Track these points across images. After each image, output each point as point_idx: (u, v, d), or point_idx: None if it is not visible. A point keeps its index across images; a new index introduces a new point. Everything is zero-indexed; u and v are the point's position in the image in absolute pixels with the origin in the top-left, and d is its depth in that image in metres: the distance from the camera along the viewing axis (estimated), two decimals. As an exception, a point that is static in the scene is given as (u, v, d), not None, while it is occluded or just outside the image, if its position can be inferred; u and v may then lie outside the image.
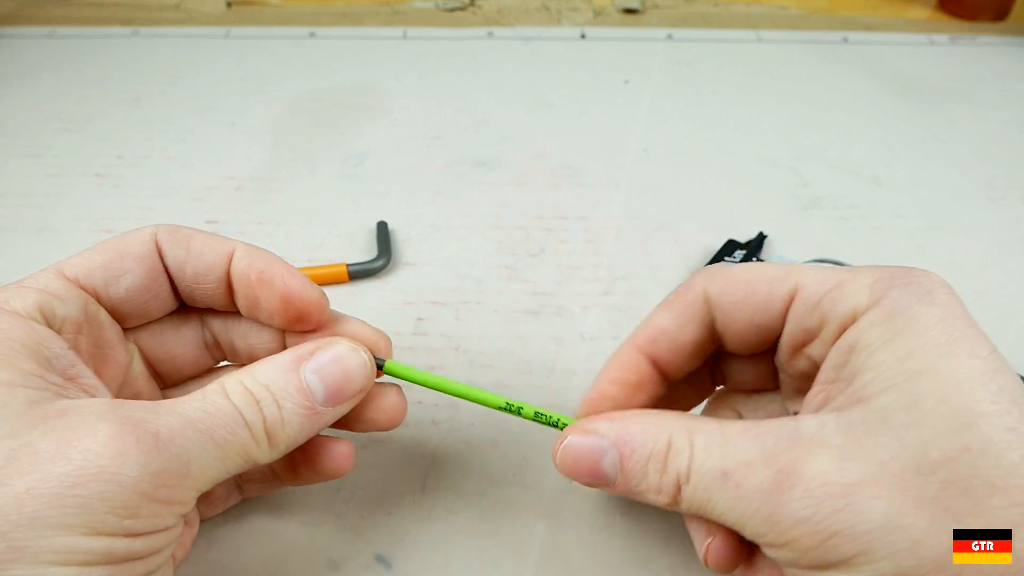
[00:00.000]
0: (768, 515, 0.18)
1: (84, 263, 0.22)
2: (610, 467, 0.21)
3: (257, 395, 0.20)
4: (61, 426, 0.17)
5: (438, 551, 0.26)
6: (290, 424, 0.21)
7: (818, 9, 0.63)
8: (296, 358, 0.22)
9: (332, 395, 0.22)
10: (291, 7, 0.63)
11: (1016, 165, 0.45)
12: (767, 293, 0.21)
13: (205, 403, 0.20)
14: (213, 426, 0.19)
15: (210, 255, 0.23)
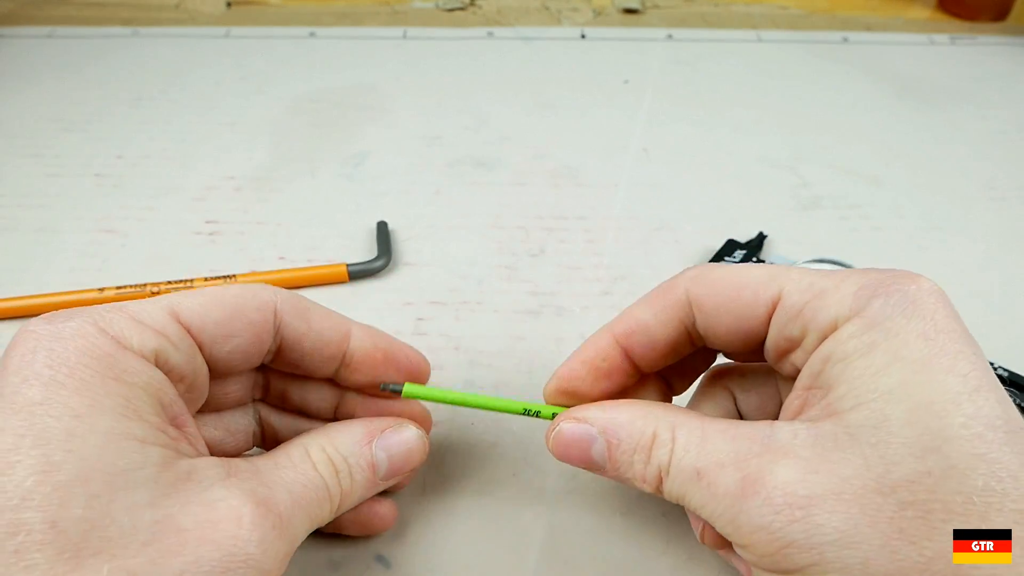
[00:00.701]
0: (732, 518, 0.19)
1: (200, 313, 0.21)
2: (599, 455, 0.22)
3: (338, 466, 0.22)
4: (195, 499, 0.18)
5: (438, 551, 0.26)
6: (355, 495, 0.23)
7: (818, 9, 0.63)
8: (370, 432, 0.23)
9: (392, 471, 0.24)
10: (291, 7, 0.63)
11: (1016, 165, 0.45)
12: (751, 298, 0.21)
13: (298, 474, 0.21)
14: (311, 502, 0.21)
15: (330, 333, 0.23)
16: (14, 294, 0.36)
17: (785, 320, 0.20)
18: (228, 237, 0.40)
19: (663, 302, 0.22)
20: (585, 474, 0.29)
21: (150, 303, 0.20)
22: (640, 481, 0.21)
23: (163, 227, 0.41)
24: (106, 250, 0.39)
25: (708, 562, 0.26)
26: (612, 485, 0.28)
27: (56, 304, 0.35)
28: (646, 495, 0.28)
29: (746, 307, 0.21)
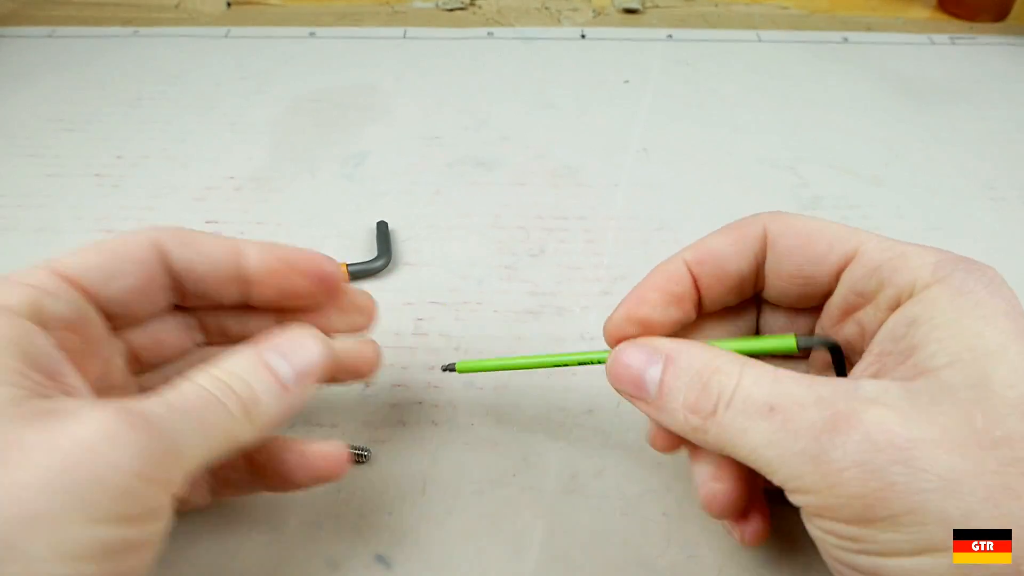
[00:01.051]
0: (814, 455, 0.17)
1: (80, 262, 0.22)
2: (653, 379, 0.21)
3: (228, 380, 0.21)
4: (48, 420, 0.17)
5: (438, 551, 0.26)
6: (265, 400, 0.21)
7: (818, 9, 0.63)
8: (255, 347, 0.22)
9: (300, 374, 0.22)
10: (291, 7, 0.63)
11: (1016, 165, 0.45)
12: (826, 248, 0.21)
13: (181, 391, 0.20)
14: (194, 409, 0.20)
15: (219, 253, 0.23)
16: (14, 294, 0.36)
17: (861, 274, 0.20)
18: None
19: (739, 233, 0.22)
20: (585, 474, 0.29)
21: (33, 266, 0.22)
22: (687, 411, 0.20)
23: (163, 227, 0.41)
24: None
25: (708, 562, 0.26)
26: (612, 485, 0.28)
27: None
28: (646, 495, 0.28)
29: (820, 255, 0.21)
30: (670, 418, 0.20)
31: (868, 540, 0.17)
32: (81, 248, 0.22)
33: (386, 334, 0.34)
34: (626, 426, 0.30)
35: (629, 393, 0.22)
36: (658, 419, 0.21)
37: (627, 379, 0.22)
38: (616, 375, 0.22)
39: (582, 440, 0.30)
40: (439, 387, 0.32)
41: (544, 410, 0.31)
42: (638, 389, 0.21)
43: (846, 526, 0.17)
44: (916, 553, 0.16)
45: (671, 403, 0.20)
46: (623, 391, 0.22)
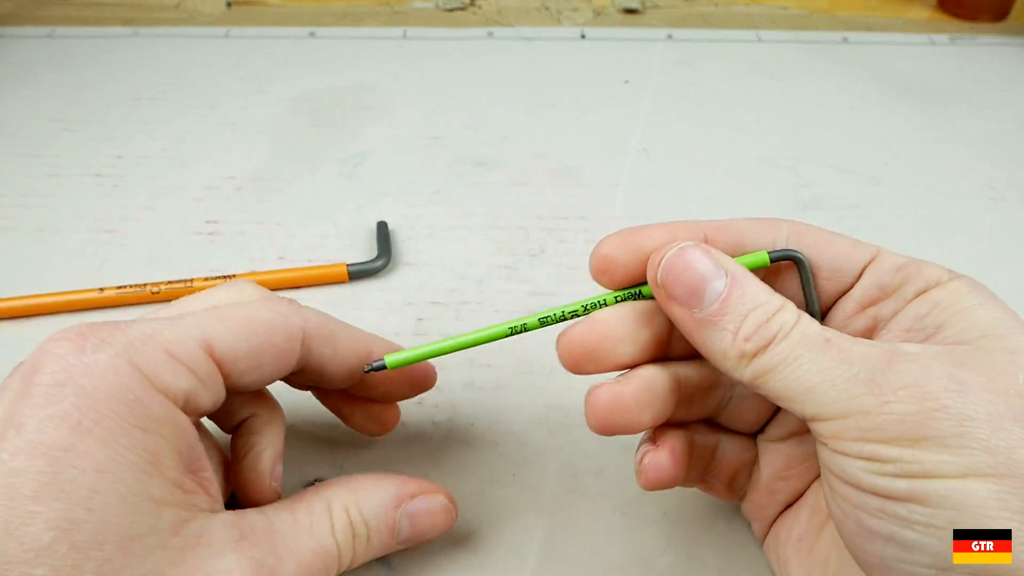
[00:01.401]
0: (869, 377, 0.18)
1: (233, 344, 0.20)
2: (713, 292, 0.20)
3: (357, 531, 0.22)
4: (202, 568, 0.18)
5: (438, 551, 0.26)
6: (369, 556, 0.22)
7: (818, 9, 0.63)
8: (399, 498, 0.23)
9: (412, 538, 0.23)
10: (291, 7, 0.63)
11: (1016, 165, 0.45)
12: (851, 247, 0.22)
13: (313, 541, 0.21)
14: (320, 570, 0.21)
15: (354, 359, 0.24)
16: (14, 294, 0.36)
17: (884, 270, 0.21)
18: (228, 237, 0.40)
19: (766, 221, 0.23)
20: (585, 474, 0.29)
21: (183, 330, 0.20)
22: (738, 339, 0.19)
23: (163, 227, 0.41)
24: (106, 250, 0.39)
25: (708, 562, 0.26)
26: (612, 485, 0.28)
27: (56, 304, 0.35)
28: (646, 495, 0.28)
29: (846, 253, 0.22)
30: (715, 336, 0.20)
31: (912, 461, 0.17)
32: (235, 323, 0.21)
33: (386, 334, 0.34)
34: (626, 426, 0.30)
35: (675, 295, 0.20)
36: (695, 331, 0.20)
37: (685, 281, 0.20)
38: (674, 273, 0.20)
39: (582, 440, 0.30)
40: (439, 387, 0.32)
41: (544, 410, 0.31)
42: (691, 296, 0.20)
43: (889, 447, 0.17)
44: (961, 476, 0.16)
45: (726, 323, 0.19)
46: (671, 290, 0.20)
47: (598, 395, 0.21)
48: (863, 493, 0.18)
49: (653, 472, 0.22)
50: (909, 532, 0.17)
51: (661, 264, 0.20)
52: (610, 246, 0.22)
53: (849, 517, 0.18)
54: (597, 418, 0.21)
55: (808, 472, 0.24)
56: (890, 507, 0.17)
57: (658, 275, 0.21)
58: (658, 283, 0.21)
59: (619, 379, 0.22)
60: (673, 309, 0.20)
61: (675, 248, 0.20)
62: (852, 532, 0.18)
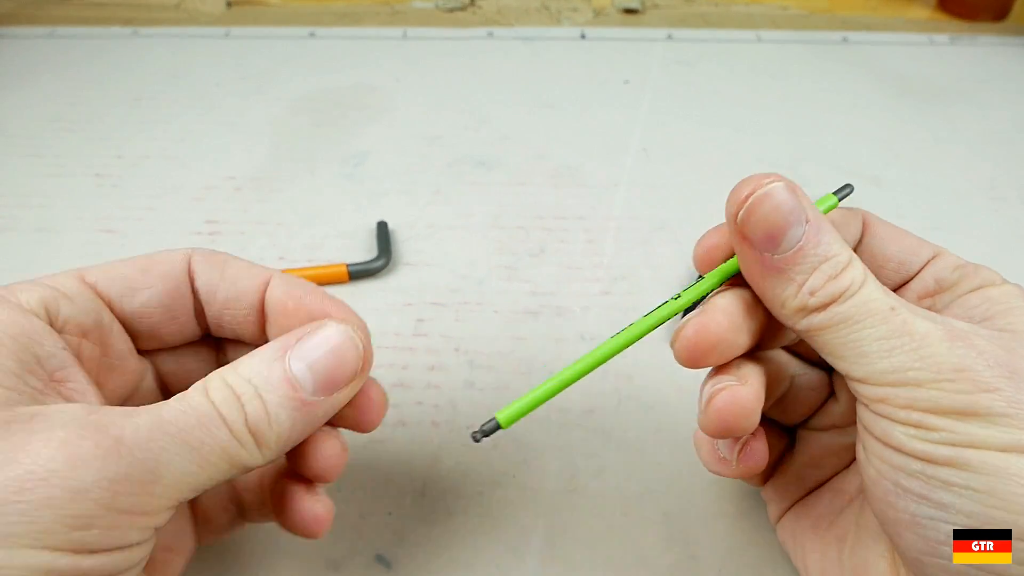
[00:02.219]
0: (925, 354, 0.18)
1: (106, 271, 0.21)
2: (791, 239, 0.19)
3: (238, 390, 0.19)
4: (20, 431, 0.16)
5: (438, 551, 0.26)
6: (277, 419, 0.19)
7: (818, 9, 0.63)
8: (281, 347, 0.20)
9: (323, 383, 0.20)
10: (291, 7, 0.63)
11: (1016, 165, 0.45)
12: (916, 244, 0.23)
13: (182, 404, 0.18)
14: (187, 426, 0.18)
15: (245, 281, 0.22)
16: (14, 294, 0.36)
17: (944, 266, 0.22)
18: (228, 237, 0.40)
19: (844, 210, 0.23)
20: (584, 474, 0.29)
21: (61, 272, 0.21)
22: (801, 293, 0.19)
23: (163, 227, 0.41)
24: (106, 250, 0.39)
25: (708, 562, 0.26)
26: (612, 485, 0.28)
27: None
28: (646, 495, 0.28)
29: (915, 247, 0.23)
30: (779, 284, 0.19)
31: (959, 432, 0.18)
32: (114, 261, 0.22)
33: (386, 334, 0.34)
34: (626, 426, 0.30)
35: (752, 237, 0.19)
36: (761, 275, 0.20)
37: (766, 224, 0.19)
38: (758, 215, 0.19)
39: (582, 440, 0.30)
40: (439, 387, 0.32)
41: (544, 410, 0.31)
42: (768, 241, 0.19)
43: (938, 418, 0.18)
44: (1005, 450, 0.17)
45: (794, 273, 0.19)
46: (750, 232, 0.19)
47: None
48: (905, 456, 0.18)
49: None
50: (946, 493, 0.17)
51: (747, 204, 0.19)
52: (716, 235, 0.22)
53: (885, 477, 0.19)
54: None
55: (840, 462, 0.24)
56: (931, 470, 0.18)
57: (740, 214, 0.20)
58: (737, 221, 0.20)
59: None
60: (744, 249, 0.20)
61: (763, 189, 0.19)
62: (886, 491, 0.19)
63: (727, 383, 0.21)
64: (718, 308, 0.21)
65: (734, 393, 0.20)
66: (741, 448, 0.22)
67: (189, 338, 0.24)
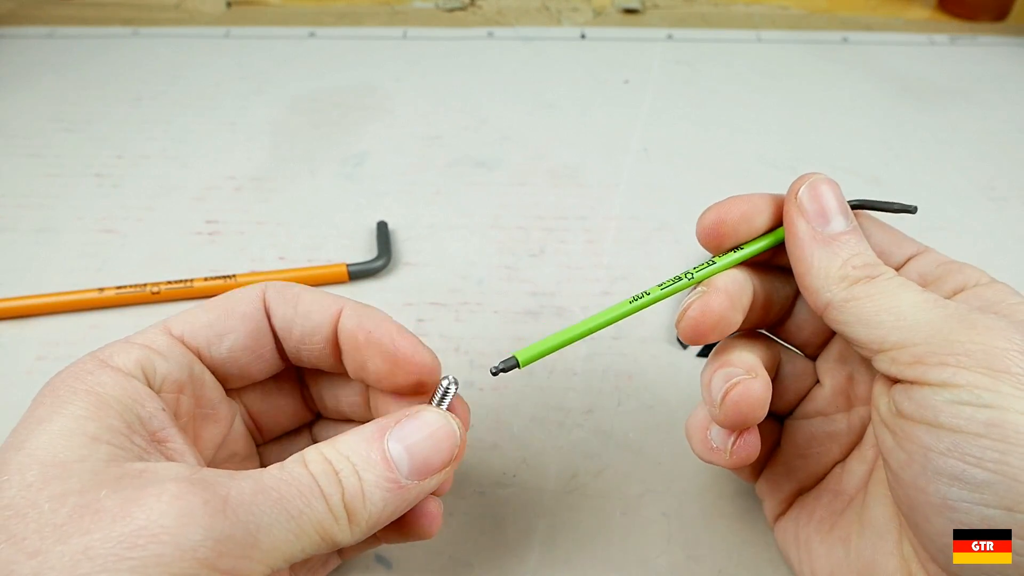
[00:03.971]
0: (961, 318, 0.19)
1: (191, 321, 0.22)
2: (837, 226, 0.22)
3: (337, 466, 0.19)
4: (131, 486, 0.16)
5: (438, 551, 0.26)
6: (372, 499, 0.19)
7: (818, 9, 0.63)
8: (380, 428, 0.20)
9: (418, 467, 0.20)
10: (291, 7, 0.63)
11: (1016, 165, 0.45)
12: (900, 238, 0.24)
13: (283, 472, 0.18)
14: (288, 495, 0.18)
15: (317, 315, 0.22)
16: (14, 294, 0.36)
17: (928, 263, 0.23)
18: (228, 237, 0.40)
19: None
20: (584, 474, 0.29)
21: (148, 327, 0.21)
22: (846, 264, 0.21)
23: (163, 227, 0.41)
24: (106, 250, 0.39)
25: (708, 562, 0.26)
26: (612, 485, 0.28)
27: (56, 304, 0.35)
28: (646, 495, 0.28)
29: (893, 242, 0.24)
30: (825, 254, 0.21)
31: (991, 390, 0.18)
32: (191, 308, 0.22)
33: (386, 334, 0.34)
34: (626, 426, 0.30)
35: (807, 210, 0.22)
36: (808, 244, 0.22)
37: (820, 206, 0.22)
38: (812, 194, 0.22)
39: (582, 440, 0.30)
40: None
41: (544, 410, 0.31)
42: (822, 216, 0.22)
43: (971, 372, 0.18)
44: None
45: (839, 248, 0.21)
46: (806, 204, 0.22)
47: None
48: (936, 430, 0.18)
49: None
50: (980, 471, 0.17)
51: (808, 181, 0.22)
52: (721, 210, 0.23)
53: (915, 460, 0.19)
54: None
55: (826, 453, 0.25)
56: (963, 444, 0.17)
57: (800, 189, 0.22)
58: (796, 197, 0.22)
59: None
60: (798, 222, 0.22)
61: (813, 178, 0.22)
62: (916, 475, 0.19)
63: (739, 377, 0.22)
64: (719, 289, 0.22)
65: (748, 387, 0.21)
66: (736, 439, 0.22)
67: (275, 371, 0.24)
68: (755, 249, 0.23)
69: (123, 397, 0.19)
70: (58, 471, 0.17)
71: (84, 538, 0.15)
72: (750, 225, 0.23)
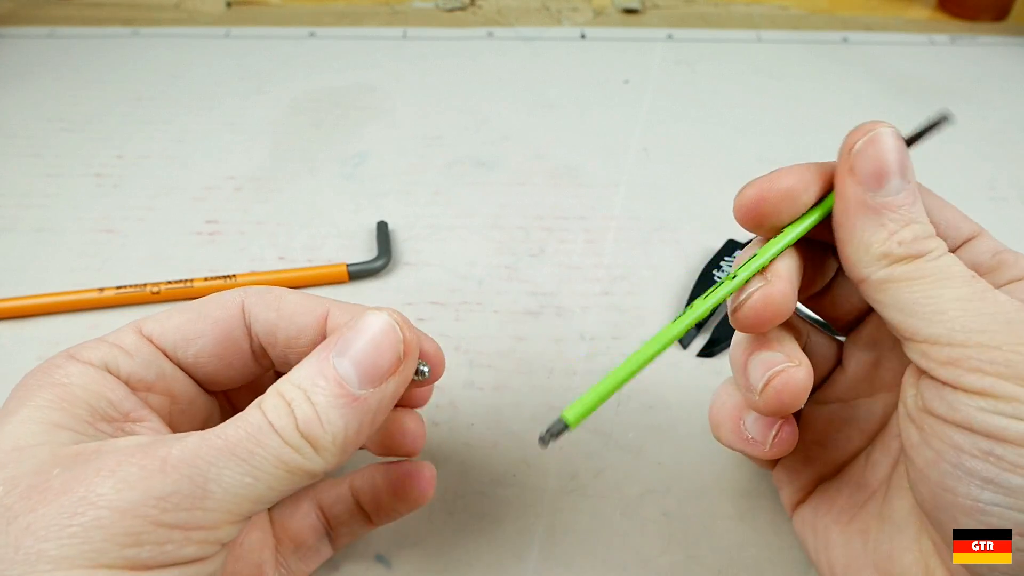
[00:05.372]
0: (1006, 320, 0.18)
1: (163, 321, 0.22)
2: (894, 186, 0.20)
3: (288, 396, 0.18)
4: (81, 464, 0.17)
5: (438, 551, 0.26)
6: (329, 419, 0.18)
7: (818, 9, 0.63)
8: (325, 347, 0.19)
9: (368, 374, 0.19)
10: (291, 7, 0.63)
11: (1016, 165, 0.45)
12: (959, 219, 0.22)
13: (237, 421, 0.18)
14: (235, 439, 0.18)
15: (303, 317, 0.22)
16: (14, 294, 0.36)
17: (982, 250, 0.21)
18: (228, 237, 0.40)
19: None
20: (584, 474, 0.29)
21: (124, 326, 0.22)
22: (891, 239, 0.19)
23: (163, 227, 0.41)
24: (106, 250, 0.39)
25: (708, 562, 0.26)
26: (612, 485, 0.28)
27: (56, 304, 0.35)
28: (646, 495, 0.28)
29: (950, 224, 0.22)
30: (870, 225, 0.20)
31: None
32: (169, 308, 0.22)
33: (386, 334, 0.34)
34: (626, 426, 0.30)
35: (860, 170, 0.20)
36: (854, 212, 0.20)
37: (883, 161, 0.21)
38: (875, 149, 0.21)
39: (582, 440, 0.30)
40: (439, 387, 0.32)
41: (544, 410, 0.31)
42: (875, 178, 0.20)
43: (1011, 384, 0.17)
44: None
45: (887, 219, 0.20)
46: (860, 165, 0.21)
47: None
48: (972, 434, 0.17)
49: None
50: (1015, 478, 0.16)
51: (866, 137, 0.21)
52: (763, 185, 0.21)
53: (945, 459, 0.18)
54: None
55: (846, 440, 0.24)
56: (1000, 450, 0.17)
57: (857, 144, 0.21)
58: (852, 152, 0.21)
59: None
60: (848, 184, 0.21)
61: (883, 130, 0.21)
62: (944, 475, 0.18)
63: (783, 365, 0.20)
64: (782, 277, 0.21)
65: (792, 376, 0.20)
66: (777, 431, 0.22)
67: (249, 378, 0.24)
68: (805, 228, 0.21)
69: (88, 385, 0.19)
70: (15, 455, 0.17)
71: (29, 516, 0.16)
72: (795, 203, 0.21)
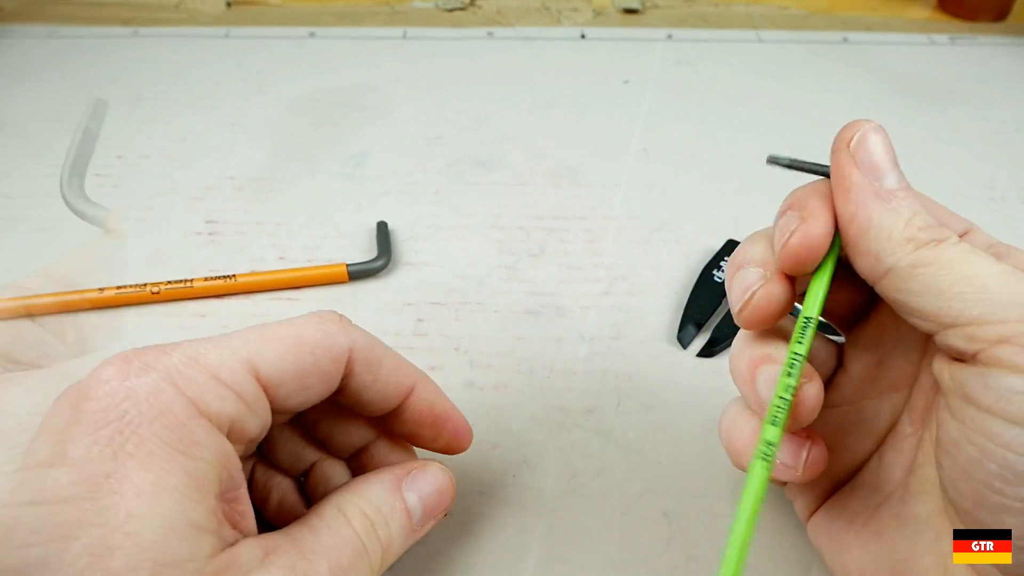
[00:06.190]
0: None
1: (280, 367, 0.20)
2: (891, 181, 0.20)
3: (373, 519, 0.21)
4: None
5: (438, 551, 0.26)
6: (395, 546, 0.21)
7: (818, 9, 0.63)
8: (396, 478, 0.22)
9: (427, 515, 0.23)
10: (291, 7, 0.63)
11: (1016, 165, 0.45)
12: (948, 216, 0.22)
13: (334, 536, 0.20)
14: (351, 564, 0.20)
15: (394, 388, 0.23)
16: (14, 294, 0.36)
17: (977, 244, 0.21)
18: (228, 237, 0.40)
19: None
20: (584, 474, 0.29)
21: (229, 352, 0.19)
22: (910, 224, 0.19)
23: (163, 227, 0.41)
24: (106, 250, 0.39)
25: (708, 562, 0.26)
26: (612, 485, 0.28)
27: (56, 304, 0.35)
28: (646, 495, 0.28)
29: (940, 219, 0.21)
30: (886, 213, 0.19)
31: None
32: (282, 343, 0.20)
33: (386, 334, 0.34)
34: (626, 426, 0.30)
35: (861, 160, 0.20)
36: (866, 202, 0.20)
37: (879, 156, 0.20)
38: (872, 141, 0.20)
39: (582, 440, 0.30)
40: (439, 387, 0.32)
41: (544, 410, 0.31)
42: (875, 170, 0.20)
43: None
44: None
45: (899, 206, 0.19)
46: (860, 155, 0.20)
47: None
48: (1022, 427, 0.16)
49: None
50: None
51: (863, 129, 0.20)
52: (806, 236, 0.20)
53: (990, 458, 0.17)
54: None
55: (857, 444, 0.23)
56: None
57: (855, 138, 0.20)
58: (850, 147, 0.20)
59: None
60: (853, 174, 0.20)
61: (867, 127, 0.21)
62: (990, 474, 0.17)
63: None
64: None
65: (806, 393, 0.20)
66: (808, 454, 0.21)
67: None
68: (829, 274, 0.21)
69: (217, 463, 0.18)
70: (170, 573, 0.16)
71: None
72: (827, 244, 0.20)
